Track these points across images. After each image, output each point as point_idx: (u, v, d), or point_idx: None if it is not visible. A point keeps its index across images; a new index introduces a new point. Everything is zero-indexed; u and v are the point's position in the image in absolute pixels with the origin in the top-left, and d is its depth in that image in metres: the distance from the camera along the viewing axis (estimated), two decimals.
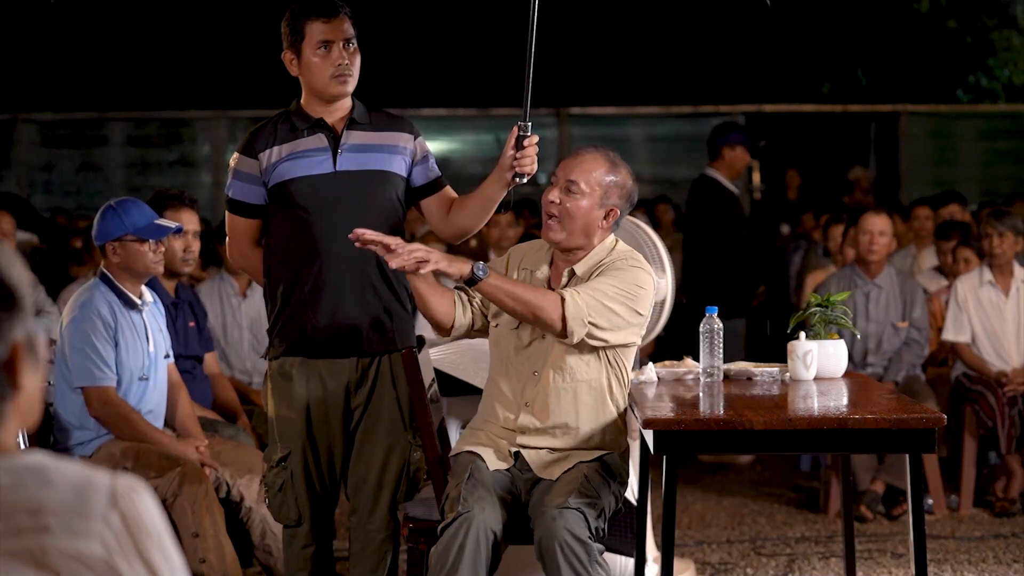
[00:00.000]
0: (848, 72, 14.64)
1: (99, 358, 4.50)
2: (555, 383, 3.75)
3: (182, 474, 4.43)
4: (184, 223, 5.12)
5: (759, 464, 7.59)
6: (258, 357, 6.01)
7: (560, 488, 3.62)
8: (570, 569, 3.45)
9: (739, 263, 8.03)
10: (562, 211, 3.71)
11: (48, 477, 1.52)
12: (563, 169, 3.76)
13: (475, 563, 3.48)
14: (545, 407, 3.76)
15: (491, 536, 3.53)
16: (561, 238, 3.74)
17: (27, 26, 13.95)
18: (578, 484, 3.62)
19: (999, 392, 6.38)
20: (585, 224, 3.72)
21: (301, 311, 3.94)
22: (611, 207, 3.74)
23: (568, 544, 3.46)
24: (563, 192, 3.71)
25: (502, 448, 3.78)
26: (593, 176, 3.72)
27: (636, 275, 3.75)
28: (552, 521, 3.49)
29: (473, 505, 3.54)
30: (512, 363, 3.81)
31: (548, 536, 3.48)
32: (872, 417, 3.55)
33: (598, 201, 3.71)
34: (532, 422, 3.76)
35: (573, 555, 3.45)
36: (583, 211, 3.71)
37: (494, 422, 3.83)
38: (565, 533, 3.47)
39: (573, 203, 3.70)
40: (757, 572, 5.42)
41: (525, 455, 3.75)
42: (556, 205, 3.71)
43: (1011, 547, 5.80)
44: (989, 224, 6.55)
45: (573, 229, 3.72)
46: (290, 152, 3.94)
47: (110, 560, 1.51)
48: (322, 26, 3.91)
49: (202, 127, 12.71)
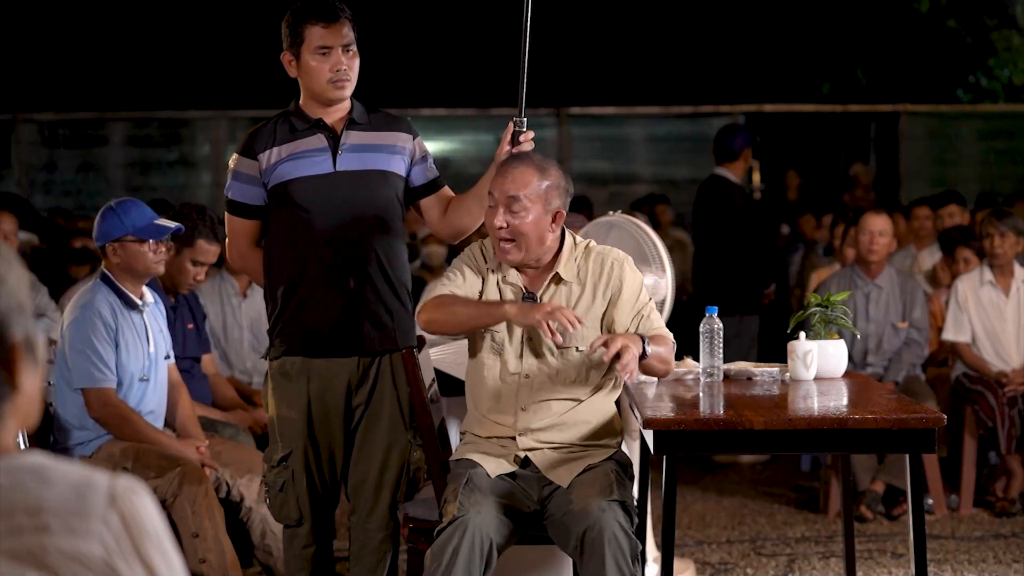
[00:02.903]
0: (848, 72, 14.64)
1: (99, 359, 4.50)
2: (546, 382, 3.76)
3: (182, 474, 4.43)
4: (210, 257, 5.22)
5: (759, 464, 7.59)
6: (258, 357, 6.01)
7: (596, 482, 3.62)
8: (614, 563, 3.43)
9: (755, 260, 8.06)
10: (513, 232, 3.69)
11: (47, 477, 1.52)
12: (498, 189, 3.72)
13: (469, 567, 3.48)
14: (541, 407, 3.76)
15: (487, 541, 3.52)
16: (520, 258, 3.74)
17: (27, 26, 13.95)
18: (612, 479, 3.63)
19: (999, 392, 6.38)
20: (538, 236, 3.72)
21: (301, 311, 3.94)
22: (555, 210, 3.73)
23: (616, 537, 3.45)
24: (508, 213, 3.69)
25: (504, 455, 3.78)
26: (530, 188, 3.69)
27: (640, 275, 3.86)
28: (601, 512, 3.48)
29: (469, 509, 3.54)
30: (502, 370, 3.81)
31: (596, 528, 3.45)
32: (872, 417, 3.55)
33: (543, 210, 3.70)
34: (531, 421, 3.76)
35: (619, 549, 3.45)
36: (532, 225, 3.70)
37: (492, 430, 3.83)
38: (616, 525, 3.46)
39: (521, 221, 3.68)
40: (757, 572, 5.42)
41: (532, 457, 3.75)
42: (506, 229, 3.70)
43: (1011, 547, 5.80)
44: (990, 224, 6.55)
45: (529, 245, 3.72)
46: (290, 153, 3.94)
47: (109, 560, 1.51)
48: (322, 31, 3.91)
49: (202, 127, 12.71)
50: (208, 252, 5.25)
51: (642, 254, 4.74)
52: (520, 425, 3.76)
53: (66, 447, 4.60)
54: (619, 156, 13.07)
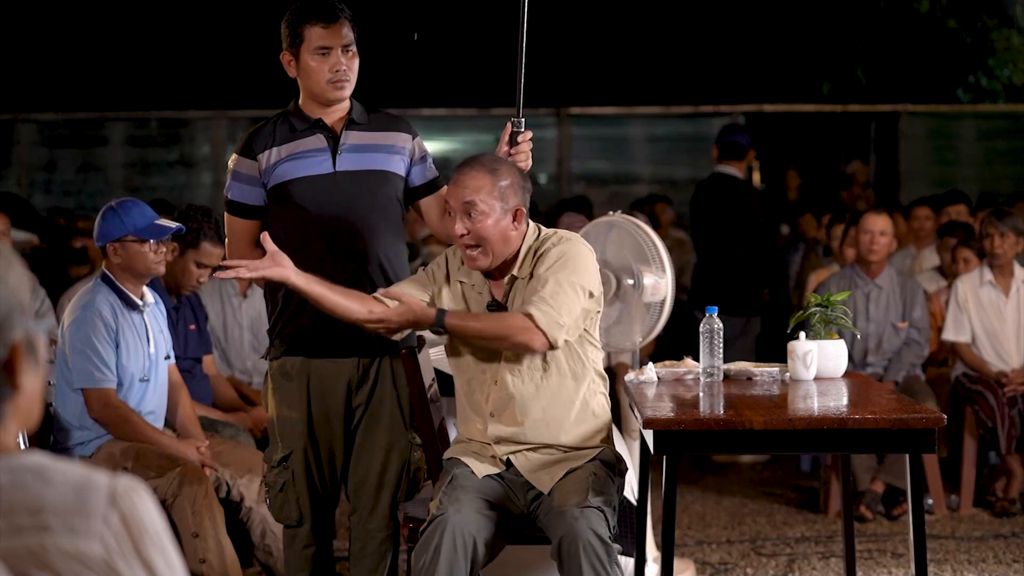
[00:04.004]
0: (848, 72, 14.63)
1: (100, 360, 4.50)
2: (514, 385, 3.72)
3: (182, 474, 4.43)
4: (214, 260, 5.24)
5: (759, 464, 7.59)
6: (258, 357, 6.01)
7: (573, 487, 3.60)
8: (591, 569, 3.43)
9: (765, 258, 8.06)
10: (476, 237, 3.66)
11: (48, 477, 1.52)
12: (453, 197, 3.69)
13: (451, 565, 3.47)
14: (511, 412, 3.73)
15: (468, 538, 3.51)
16: (487, 263, 3.71)
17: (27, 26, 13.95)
18: (591, 483, 3.60)
19: (999, 392, 6.38)
20: (500, 237, 3.68)
21: (301, 312, 3.94)
22: (513, 207, 3.69)
23: (591, 544, 3.44)
24: (466, 219, 3.67)
25: (490, 455, 3.77)
26: (483, 191, 3.66)
27: (567, 251, 3.69)
28: (574, 521, 3.46)
29: (448, 507, 3.54)
30: (472, 372, 3.79)
31: (571, 536, 3.45)
32: (872, 417, 3.55)
33: (500, 211, 3.67)
34: (502, 430, 3.75)
35: (595, 555, 3.44)
36: (492, 227, 3.66)
37: (474, 433, 3.83)
38: (589, 533, 3.45)
39: (480, 225, 3.65)
40: (757, 572, 5.42)
41: (514, 460, 3.74)
42: (467, 236, 3.68)
43: (1011, 547, 5.80)
44: (990, 224, 6.55)
45: (494, 249, 3.69)
46: (289, 153, 3.94)
47: (109, 560, 1.51)
48: (321, 31, 3.90)
49: (202, 127, 12.70)
50: (212, 255, 5.25)
51: (642, 254, 4.74)
52: (492, 432, 3.75)
53: (66, 447, 4.60)
54: (619, 156, 13.06)
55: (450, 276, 3.83)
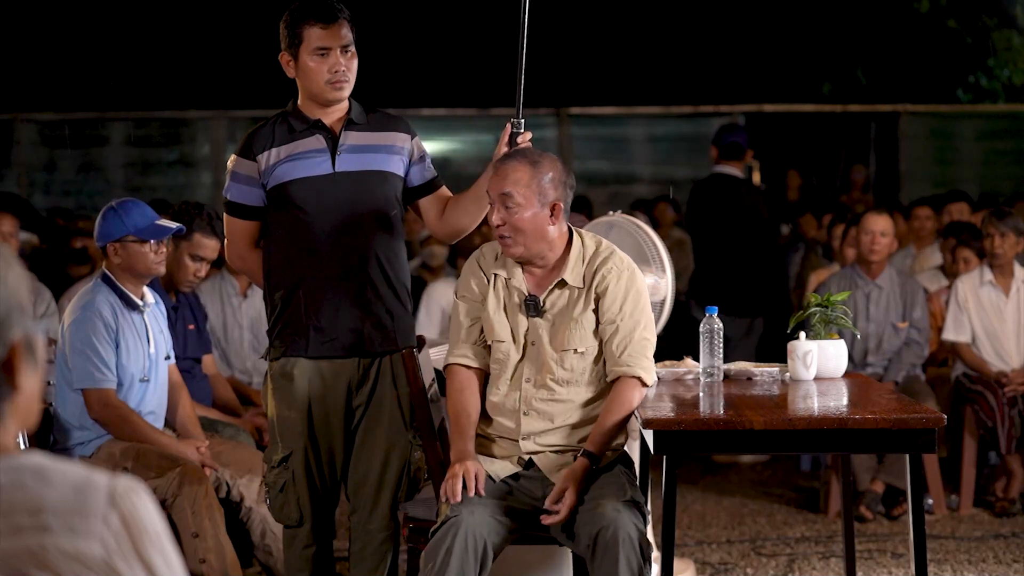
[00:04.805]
0: (848, 72, 14.63)
1: (100, 360, 4.50)
2: (551, 386, 3.75)
3: (182, 474, 4.43)
4: (208, 252, 5.21)
5: (759, 464, 7.59)
6: (258, 357, 6.01)
7: (607, 484, 3.62)
8: (627, 564, 3.43)
9: (766, 258, 8.06)
10: (510, 228, 3.71)
11: (47, 477, 1.52)
12: (493, 188, 3.74)
13: (463, 566, 3.48)
14: (544, 410, 3.76)
15: (480, 541, 3.52)
16: (520, 252, 3.75)
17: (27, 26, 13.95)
18: (624, 480, 3.64)
19: (999, 392, 6.38)
20: (535, 230, 3.72)
21: (301, 312, 3.94)
22: (552, 202, 3.72)
23: (631, 538, 3.45)
24: (503, 209, 3.71)
25: (509, 456, 3.78)
26: (522, 184, 3.70)
27: (639, 287, 3.79)
28: (616, 514, 3.48)
29: (462, 510, 3.54)
30: (509, 373, 3.81)
31: (611, 528, 3.45)
32: (872, 417, 3.55)
33: (537, 205, 3.70)
34: (534, 426, 3.76)
35: (632, 550, 3.45)
36: (528, 220, 3.70)
37: (497, 432, 3.83)
38: (631, 527, 3.47)
39: (516, 217, 3.69)
40: (757, 572, 5.42)
41: (536, 459, 3.75)
42: (502, 226, 3.72)
43: (1011, 547, 5.80)
44: (990, 224, 6.54)
45: (527, 241, 3.72)
46: (289, 154, 3.94)
47: (109, 560, 1.51)
48: (320, 31, 3.90)
49: (202, 127, 12.71)
50: (206, 246, 5.24)
51: (642, 254, 4.74)
52: (524, 429, 3.77)
53: (66, 447, 4.60)
54: (619, 156, 13.07)
55: (486, 272, 3.85)
